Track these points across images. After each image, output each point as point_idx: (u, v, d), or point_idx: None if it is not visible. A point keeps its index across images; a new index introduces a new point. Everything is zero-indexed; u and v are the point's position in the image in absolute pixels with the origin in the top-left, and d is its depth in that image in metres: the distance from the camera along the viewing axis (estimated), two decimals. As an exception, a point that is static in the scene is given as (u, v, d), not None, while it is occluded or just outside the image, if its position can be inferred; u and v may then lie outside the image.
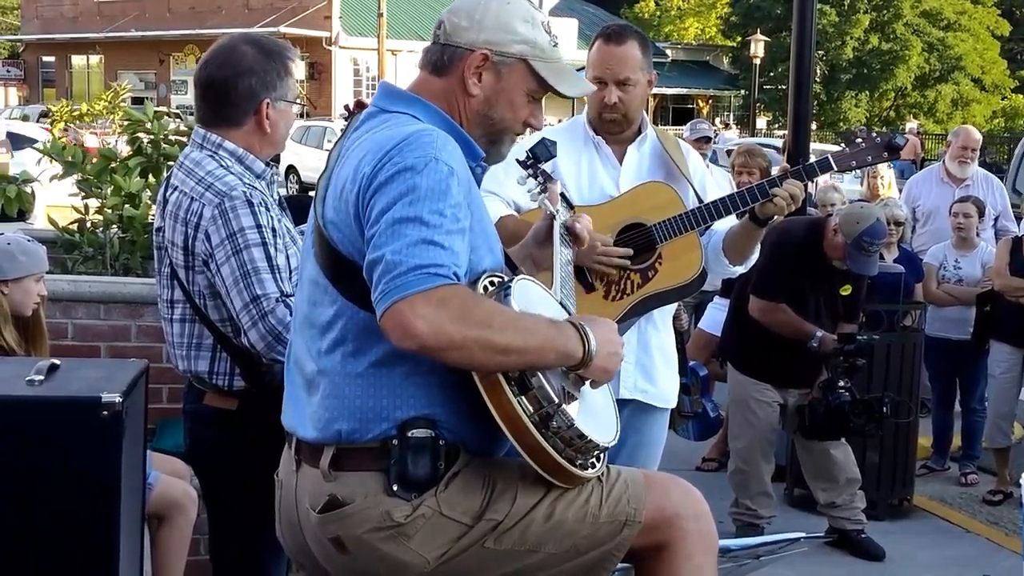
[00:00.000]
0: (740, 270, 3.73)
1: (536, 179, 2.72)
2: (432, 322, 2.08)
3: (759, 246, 5.65)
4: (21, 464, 2.74)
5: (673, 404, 3.74)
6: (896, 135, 3.58)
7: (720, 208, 3.46)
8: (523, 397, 2.18)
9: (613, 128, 3.58)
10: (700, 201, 3.54)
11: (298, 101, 3.19)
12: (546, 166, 2.75)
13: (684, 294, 3.58)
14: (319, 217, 2.32)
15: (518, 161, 2.74)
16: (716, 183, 3.84)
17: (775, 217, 3.50)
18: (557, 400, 2.20)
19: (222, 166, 3.05)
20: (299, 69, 3.21)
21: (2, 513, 2.74)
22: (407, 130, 2.27)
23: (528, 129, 2.51)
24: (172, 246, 3.05)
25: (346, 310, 2.29)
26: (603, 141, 3.61)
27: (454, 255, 2.16)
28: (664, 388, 3.68)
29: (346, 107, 3.64)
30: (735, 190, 3.84)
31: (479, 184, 2.40)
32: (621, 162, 3.61)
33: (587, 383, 2.32)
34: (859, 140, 3.54)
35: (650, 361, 3.64)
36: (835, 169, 3.54)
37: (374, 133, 2.32)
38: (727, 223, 3.60)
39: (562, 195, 2.70)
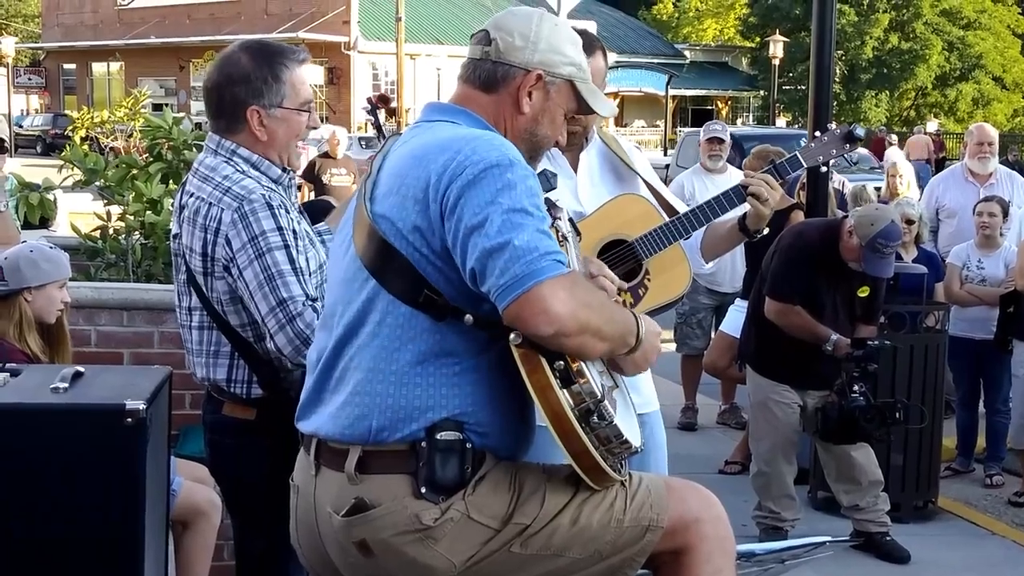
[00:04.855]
0: (711, 267, 3.70)
1: None
2: (569, 306, 2.14)
3: (775, 247, 5.69)
4: (46, 471, 2.75)
5: (656, 406, 3.65)
6: (855, 126, 3.57)
7: (700, 217, 3.39)
8: (566, 390, 2.20)
9: (590, 137, 3.44)
10: (651, 189, 3.49)
11: (305, 109, 3.11)
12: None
13: (671, 307, 3.54)
14: (368, 214, 2.33)
15: None
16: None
17: (765, 230, 3.45)
18: (600, 395, 2.21)
19: (238, 171, 3.03)
20: (300, 72, 3.08)
21: (28, 520, 2.75)
22: (469, 132, 2.33)
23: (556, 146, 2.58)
24: (190, 252, 3.03)
25: (387, 306, 2.29)
26: (558, 152, 3.42)
27: (558, 245, 2.23)
28: (647, 393, 3.58)
29: (369, 100, 3.63)
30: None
31: None
32: (575, 170, 3.47)
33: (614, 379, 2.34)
34: (823, 135, 3.54)
35: None
36: (804, 165, 3.51)
37: (429, 139, 2.35)
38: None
39: (570, 220, 2.69)
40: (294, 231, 2.97)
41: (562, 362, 2.19)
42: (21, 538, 2.75)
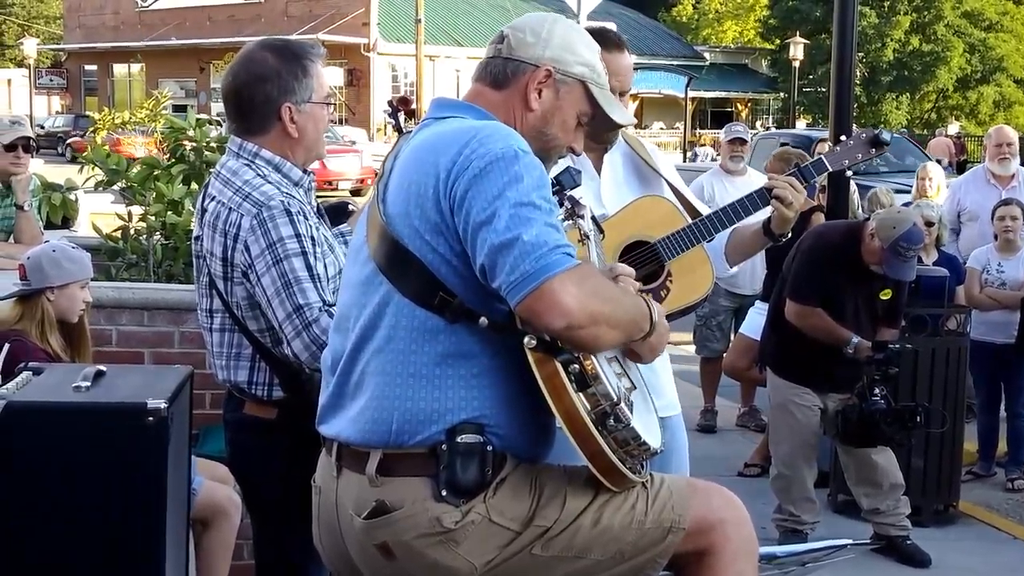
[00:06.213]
0: (735, 271, 3.69)
1: (563, 205, 2.71)
2: (579, 299, 2.15)
3: (796, 249, 5.68)
4: (68, 469, 2.76)
5: (678, 409, 3.63)
6: (881, 131, 3.57)
7: (724, 219, 3.37)
8: (582, 394, 2.20)
9: (614, 138, 3.43)
10: (674, 191, 3.49)
11: (329, 101, 3.15)
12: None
13: (693, 309, 3.52)
14: (381, 215, 2.33)
15: None
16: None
17: (788, 233, 3.43)
18: (616, 398, 2.21)
19: (259, 175, 3.03)
20: (321, 67, 3.12)
21: (50, 518, 2.76)
22: (477, 124, 2.32)
23: (570, 153, 2.56)
24: (211, 256, 3.04)
25: (401, 308, 2.29)
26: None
27: (566, 237, 2.23)
28: (670, 396, 3.57)
29: (389, 103, 3.64)
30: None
31: None
32: (599, 171, 3.45)
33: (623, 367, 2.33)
34: (848, 139, 3.52)
35: (654, 375, 3.53)
36: (829, 169, 3.49)
37: (436, 134, 2.34)
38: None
39: (593, 218, 2.69)
40: (312, 237, 2.97)
41: (577, 366, 2.19)
42: (43, 536, 2.76)
